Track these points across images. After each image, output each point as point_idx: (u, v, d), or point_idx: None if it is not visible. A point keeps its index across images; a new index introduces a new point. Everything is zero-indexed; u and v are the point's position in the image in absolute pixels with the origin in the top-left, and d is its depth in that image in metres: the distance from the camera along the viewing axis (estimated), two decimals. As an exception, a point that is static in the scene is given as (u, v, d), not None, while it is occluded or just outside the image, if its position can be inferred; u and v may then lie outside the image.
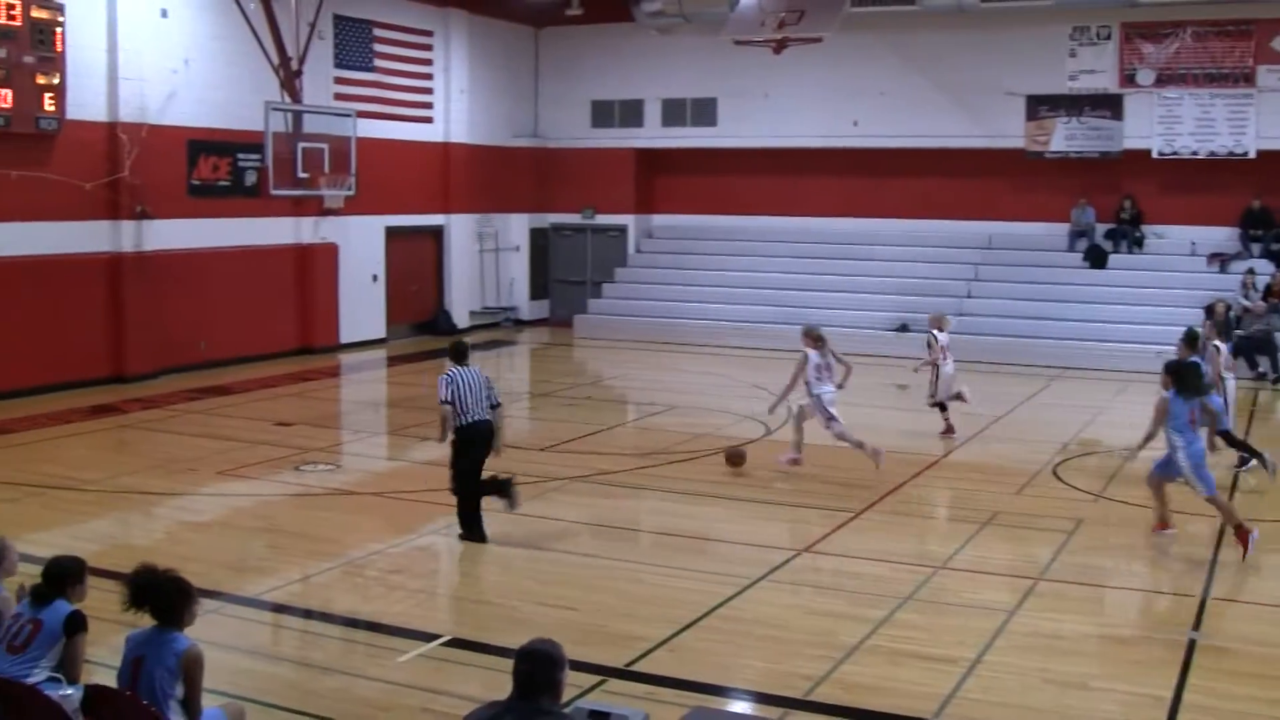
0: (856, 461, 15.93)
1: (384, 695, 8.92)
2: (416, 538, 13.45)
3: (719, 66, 31.29)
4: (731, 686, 9.22)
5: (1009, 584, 11.70)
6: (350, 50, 28.41)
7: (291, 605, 11.12)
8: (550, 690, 5.60)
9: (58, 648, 7.04)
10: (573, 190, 34.33)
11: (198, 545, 12.84)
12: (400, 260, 30.12)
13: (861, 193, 31.54)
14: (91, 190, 22.16)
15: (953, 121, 29.69)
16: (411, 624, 10.46)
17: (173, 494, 15.18)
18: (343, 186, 25.86)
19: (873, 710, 8.75)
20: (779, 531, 13.61)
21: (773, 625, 10.47)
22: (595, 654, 9.57)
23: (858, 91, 30.52)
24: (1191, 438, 12.57)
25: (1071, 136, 28.97)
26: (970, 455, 17.78)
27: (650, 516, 14.62)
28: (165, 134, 23.42)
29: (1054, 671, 9.43)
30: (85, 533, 13.39)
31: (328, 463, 17.01)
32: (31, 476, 15.79)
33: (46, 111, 21.01)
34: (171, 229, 23.63)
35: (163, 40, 23.46)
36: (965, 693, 9.01)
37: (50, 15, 20.93)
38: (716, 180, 33.30)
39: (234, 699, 7.85)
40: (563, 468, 16.54)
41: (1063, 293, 28.25)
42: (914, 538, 13.46)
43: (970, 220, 30.60)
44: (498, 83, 33.22)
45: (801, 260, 31.05)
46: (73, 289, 21.69)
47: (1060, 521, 13.80)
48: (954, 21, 28.76)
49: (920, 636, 10.16)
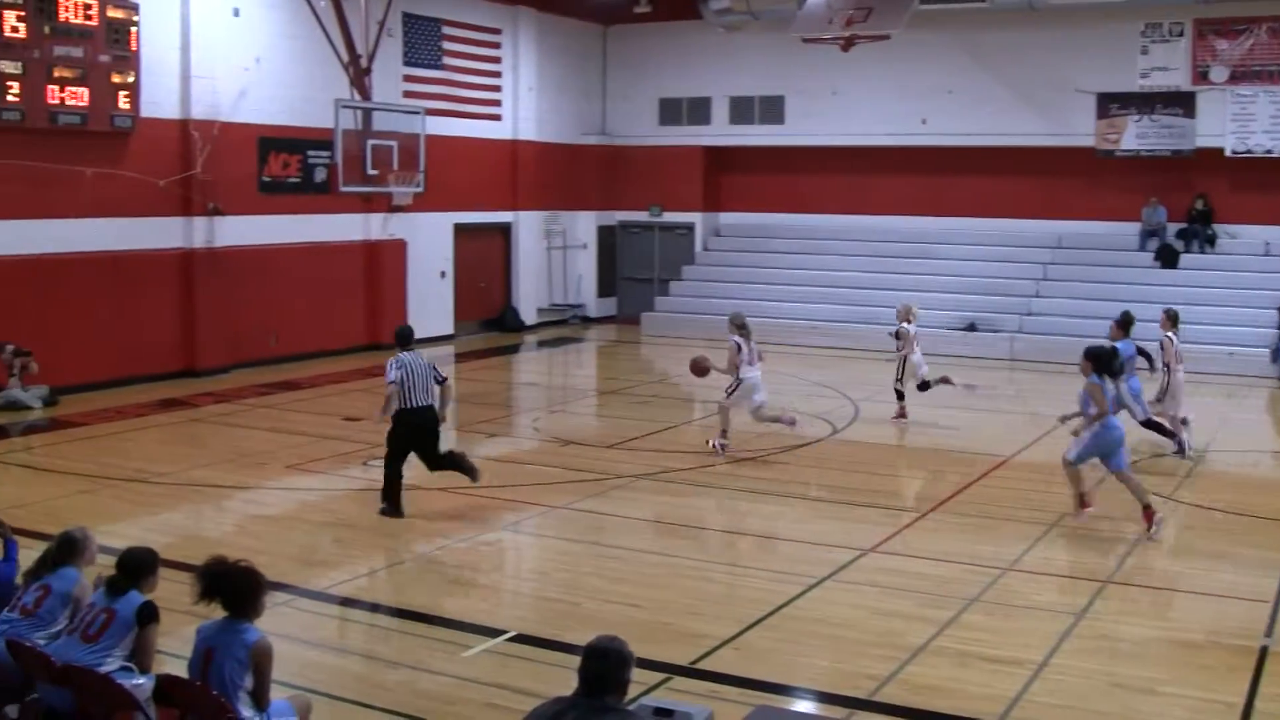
0: (921, 461, 15.86)
1: (449, 690, 8.97)
2: (483, 533, 13.50)
3: (787, 64, 31.21)
4: (796, 686, 9.21)
5: (1076, 586, 11.62)
6: (419, 48, 28.58)
7: (358, 599, 11.21)
8: (617, 688, 5.62)
9: (130, 637, 7.15)
10: (640, 188, 34.37)
11: (266, 538, 12.98)
12: (468, 257, 30.28)
13: (930, 191, 31.38)
14: (164, 187, 22.44)
15: (1022, 120, 29.44)
16: (477, 619, 10.51)
17: (242, 487, 15.34)
18: (411, 183, 26.01)
19: (938, 712, 8.70)
20: (845, 531, 13.55)
21: (838, 625, 10.44)
22: (660, 651, 9.58)
23: (926, 89, 30.35)
24: (1113, 420, 13.52)
25: (1143, 134, 28.63)
26: (1037, 456, 17.62)
27: (716, 515, 14.61)
28: (236, 131, 23.68)
29: (1121, 675, 9.34)
30: (157, 524, 13.56)
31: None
32: (105, 469, 16.01)
33: (121, 110, 21.31)
34: (242, 225, 23.91)
35: (234, 39, 23.72)
36: (1031, 696, 8.95)
37: (125, 15, 21.21)
38: (784, 178, 33.22)
39: (301, 691, 7.91)
40: (629, 465, 16.57)
41: (1133, 293, 27.82)
42: (980, 539, 13.36)
43: (1039, 219, 30.36)
44: (566, 80, 33.31)
45: (869, 259, 30.90)
46: (146, 285, 21.98)
47: (1128, 524, 13.66)
48: (1024, 18, 28.50)
49: (986, 638, 10.09)
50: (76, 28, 20.43)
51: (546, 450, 17.93)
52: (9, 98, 19.60)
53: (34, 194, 20.39)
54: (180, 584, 7.97)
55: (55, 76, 20.22)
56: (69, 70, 20.38)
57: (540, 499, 14.76)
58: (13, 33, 19.55)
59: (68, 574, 7.69)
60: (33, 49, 19.87)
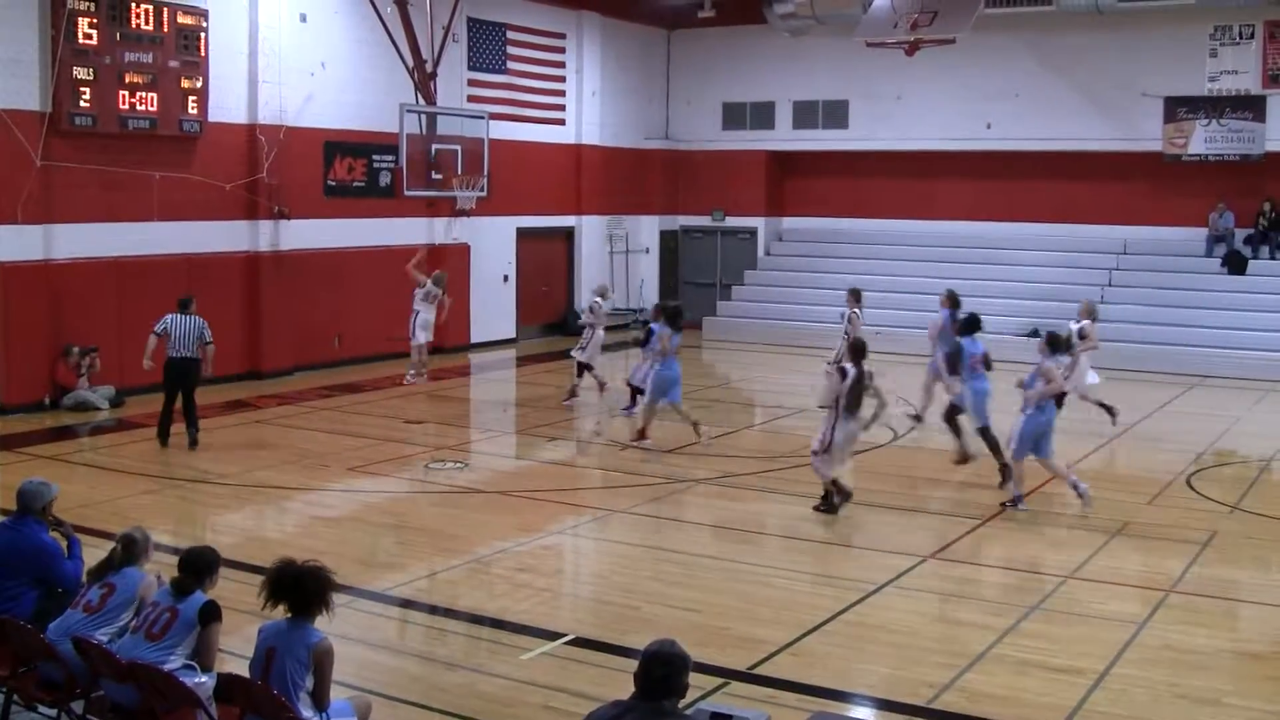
0: (982, 467, 15.74)
1: (507, 692, 9.02)
2: (542, 536, 13.55)
3: (851, 68, 31.12)
4: (854, 692, 9.20)
5: (1139, 595, 11.51)
6: (484, 53, 28.73)
7: (418, 601, 11.28)
8: (676, 693, 5.62)
9: (192, 636, 7.23)
10: (703, 192, 34.38)
11: (328, 539, 13.09)
12: (531, 261, 30.39)
13: (995, 196, 31.19)
14: (231, 191, 22.68)
15: (1088, 124, 29.20)
16: (536, 622, 10.56)
17: (305, 489, 15.48)
18: (475, 188, 26.12)
19: (997, 720, 8.68)
20: (905, 537, 13.49)
21: (897, 631, 10.41)
22: (718, 656, 9.59)
23: (991, 93, 30.16)
24: (979, 378, 15.69)
25: (1211, 139, 28.31)
26: (1101, 463, 17.50)
27: (776, 520, 14.57)
28: (302, 136, 23.89)
29: (1185, 686, 9.26)
30: (220, 525, 13.74)
31: (456, 461, 17.22)
32: (170, 470, 16.22)
33: (190, 114, 21.56)
34: (308, 229, 24.13)
35: (301, 44, 23.93)
36: (1093, 705, 8.88)
37: (195, 21, 21.48)
38: (847, 183, 33.13)
39: (361, 692, 7.98)
40: (690, 469, 16.58)
41: (1200, 299, 27.62)
42: (1042, 546, 13.27)
43: (1105, 224, 30.09)
44: (629, 85, 33.37)
45: (933, 264, 30.73)
46: (212, 287, 22.16)
47: (1193, 532, 13.54)
48: (1091, 22, 28.27)
49: (1047, 647, 10.02)
50: (147, 34, 20.71)
51: (606, 454, 17.96)
52: (82, 103, 19.90)
53: (105, 198, 20.69)
54: (242, 584, 8.06)
55: (126, 82, 20.51)
56: (139, 76, 20.66)
57: (600, 503, 14.83)
58: (85, 39, 19.85)
59: (132, 574, 7.79)
60: (104, 55, 20.15)
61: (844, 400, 13.87)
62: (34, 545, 8.42)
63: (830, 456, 13.96)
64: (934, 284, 29.67)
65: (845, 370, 14.08)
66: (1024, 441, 14.17)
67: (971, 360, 15.97)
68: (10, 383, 19.64)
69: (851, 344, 15.10)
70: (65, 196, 20.08)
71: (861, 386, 13.93)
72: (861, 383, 13.91)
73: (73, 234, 20.29)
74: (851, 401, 13.92)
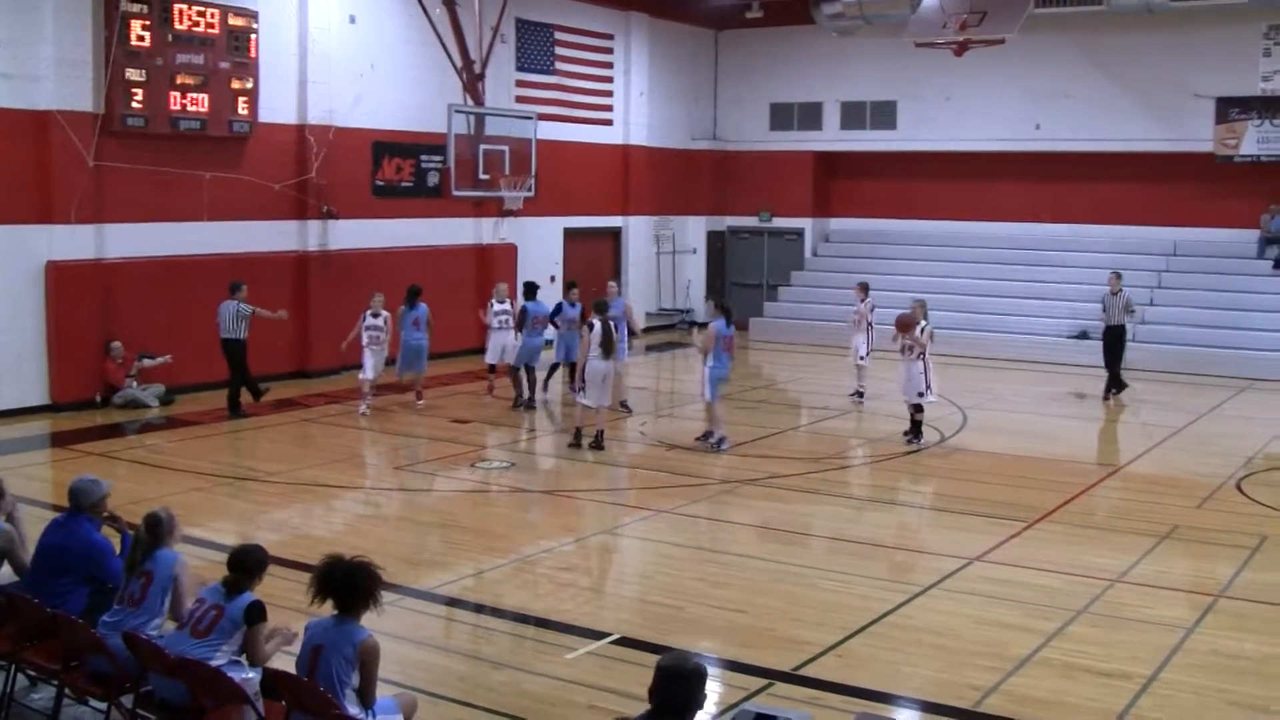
0: (1030, 470, 15.69)
1: (552, 691, 9.05)
2: (588, 536, 13.59)
3: (899, 69, 31.03)
4: (898, 694, 9.17)
5: (1188, 600, 11.42)
6: (532, 53, 28.81)
7: (464, 600, 11.32)
8: (696, 707, 5.54)
9: (238, 634, 7.32)
10: (750, 193, 34.38)
11: (375, 538, 13.14)
12: (578, 261, 30.43)
13: (1043, 197, 31.02)
14: (280, 191, 22.85)
15: (1139, 124, 29.00)
16: (581, 622, 10.58)
17: (352, 487, 15.59)
18: (523, 188, 26.20)
19: (1043, 724, 8.63)
20: (951, 539, 13.44)
21: (942, 634, 10.36)
22: (762, 657, 9.59)
23: (1041, 94, 30.01)
24: (721, 360, 17.57)
25: (1263, 139, 28.04)
26: (1150, 466, 17.37)
27: (821, 521, 14.55)
28: (351, 136, 24.04)
29: (1234, 693, 9.18)
30: (268, 523, 13.81)
31: (503, 460, 17.27)
32: (219, 467, 16.34)
33: (240, 115, 21.73)
34: (356, 229, 24.27)
35: (350, 45, 24.08)
36: (1140, 710, 8.82)
37: (245, 23, 21.65)
38: (895, 184, 33.04)
39: (406, 689, 8.03)
40: (736, 470, 16.58)
41: (1251, 301, 27.36)
42: (1089, 549, 13.18)
43: (1155, 226, 29.85)
44: (677, 85, 33.40)
45: (981, 265, 30.64)
46: (261, 286, 22.27)
47: (1243, 537, 13.42)
48: (1142, 21, 28.07)
49: (1094, 651, 9.95)
50: (198, 35, 20.89)
51: (653, 454, 17.97)
52: (133, 104, 20.10)
53: (156, 198, 20.88)
54: (289, 581, 8.11)
55: (177, 83, 20.69)
56: (190, 77, 20.84)
57: (645, 503, 14.83)
58: (138, 41, 20.04)
59: (164, 556, 7.88)
60: (156, 56, 20.34)
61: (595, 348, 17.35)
62: (84, 543, 8.51)
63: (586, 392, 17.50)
64: (982, 285, 29.72)
65: (591, 324, 17.52)
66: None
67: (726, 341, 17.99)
68: (62, 380, 19.84)
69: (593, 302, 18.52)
70: (117, 196, 20.28)
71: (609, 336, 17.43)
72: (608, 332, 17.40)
73: (124, 234, 20.49)
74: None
